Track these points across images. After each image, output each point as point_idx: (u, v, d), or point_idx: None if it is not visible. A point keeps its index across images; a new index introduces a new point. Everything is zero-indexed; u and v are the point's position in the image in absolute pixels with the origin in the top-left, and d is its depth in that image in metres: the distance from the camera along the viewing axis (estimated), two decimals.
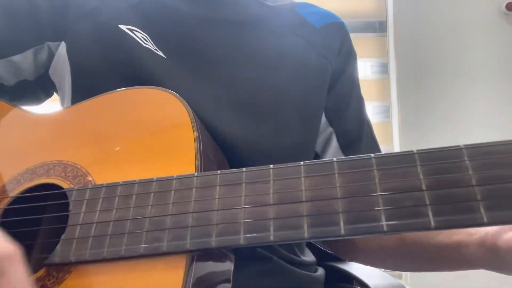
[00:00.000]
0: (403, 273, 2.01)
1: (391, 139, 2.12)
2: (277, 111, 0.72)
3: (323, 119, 0.80)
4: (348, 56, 0.85)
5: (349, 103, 0.83)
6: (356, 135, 0.82)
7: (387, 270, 1.90)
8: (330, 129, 0.81)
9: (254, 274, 0.64)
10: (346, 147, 0.81)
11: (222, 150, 0.64)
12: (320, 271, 0.78)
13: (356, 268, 0.86)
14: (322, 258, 0.86)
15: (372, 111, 2.15)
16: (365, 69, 2.19)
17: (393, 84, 2.19)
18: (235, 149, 0.66)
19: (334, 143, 0.81)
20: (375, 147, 0.86)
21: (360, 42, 2.15)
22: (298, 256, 0.73)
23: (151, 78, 0.67)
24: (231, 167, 0.65)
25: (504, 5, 2.18)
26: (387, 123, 2.15)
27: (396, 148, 2.11)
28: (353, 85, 0.86)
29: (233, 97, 0.70)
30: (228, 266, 0.54)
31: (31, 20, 0.72)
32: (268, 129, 0.71)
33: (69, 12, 0.73)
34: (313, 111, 0.77)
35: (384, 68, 2.21)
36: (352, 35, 0.89)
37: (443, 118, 2.12)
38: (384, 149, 2.12)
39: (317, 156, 0.81)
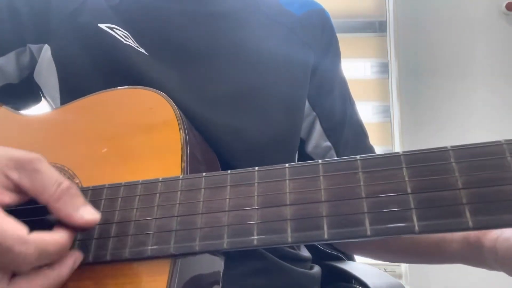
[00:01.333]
0: (403, 273, 2.01)
1: (391, 139, 2.11)
2: (261, 101, 0.73)
3: (307, 104, 0.81)
4: (330, 42, 0.86)
5: (332, 87, 0.84)
6: (339, 119, 0.83)
7: (387, 270, 1.90)
8: (314, 113, 0.81)
9: (247, 273, 0.64)
10: (330, 131, 0.81)
11: (209, 142, 0.64)
12: (316, 269, 0.77)
13: (355, 268, 0.85)
14: (321, 257, 0.86)
15: (372, 111, 2.14)
16: (365, 69, 2.18)
17: (393, 84, 2.18)
18: (222, 140, 0.66)
19: (318, 127, 0.81)
20: (360, 132, 0.86)
21: (360, 42, 2.14)
22: (294, 249, 0.73)
23: (134, 75, 0.67)
24: (221, 161, 0.65)
25: (504, 5, 2.17)
26: (387, 123, 2.14)
27: (397, 148, 2.10)
28: (336, 69, 0.87)
29: (217, 90, 0.70)
30: (217, 268, 0.53)
31: (12, 23, 0.72)
32: (253, 119, 0.71)
33: (50, 15, 0.73)
34: (298, 98, 0.78)
35: (384, 68, 2.20)
36: (352, 35, 0.89)
37: (443, 118, 2.11)
38: (384, 149, 2.12)
39: (302, 142, 0.81)
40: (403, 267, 2.00)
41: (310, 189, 0.44)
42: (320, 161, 0.45)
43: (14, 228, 0.40)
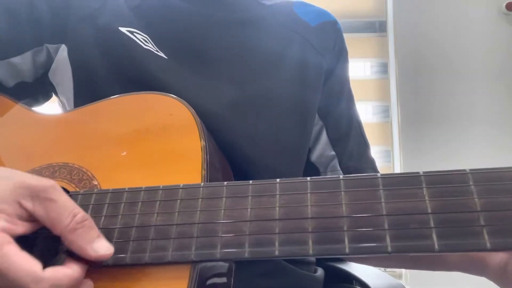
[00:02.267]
0: (403, 273, 2.03)
1: (391, 139, 2.13)
2: (276, 108, 0.74)
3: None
4: (340, 54, 0.87)
5: (340, 99, 0.86)
6: (345, 131, 0.85)
7: (387, 270, 1.92)
8: (321, 123, 0.83)
9: (255, 275, 0.65)
10: (335, 141, 0.83)
11: (223, 146, 0.65)
12: (320, 272, 0.79)
13: (355, 268, 0.87)
14: (323, 258, 0.87)
15: (372, 111, 2.15)
16: (365, 69, 2.20)
17: (393, 84, 2.19)
18: (236, 146, 0.67)
19: (324, 137, 0.83)
20: (363, 144, 0.88)
21: (360, 42, 2.15)
22: None
23: (153, 79, 0.67)
24: (232, 165, 0.66)
25: (504, 5, 2.18)
26: (387, 123, 2.15)
27: (396, 148, 2.12)
28: (344, 82, 0.88)
29: (234, 96, 0.71)
30: (229, 273, 0.54)
31: (31, 22, 0.72)
32: (267, 127, 0.72)
33: (70, 15, 0.73)
34: (310, 108, 0.79)
35: (384, 68, 2.21)
36: (352, 35, 0.91)
37: (443, 118, 2.13)
38: (384, 149, 2.14)
39: (308, 150, 0.82)
40: None
41: (332, 203, 0.45)
42: (341, 176, 0.46)
43: (29, 266, 0.40)
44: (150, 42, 0.71)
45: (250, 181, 0.49)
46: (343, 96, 0.86)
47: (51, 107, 0.79)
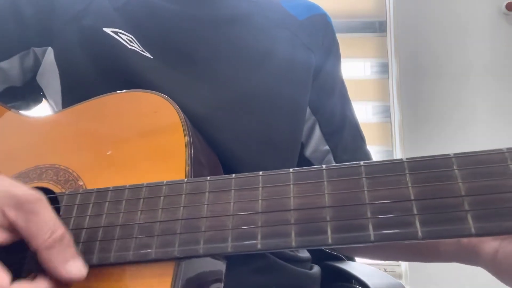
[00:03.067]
0: (403, 273, 2.01)
1: (391, 139, 2.12)
2: (265, 106, 0.73)
3: (307, 108, 0.82)
4: (330, 47, 0.87)
5: (332, 92, 0.85)
6: (338, 124, 0.84)
7: (387, 270, 1.91)
8: (313, 117, 0.83)
9: (249, 272, 0.65)
10: (329, 135, 0.83)
11: (212, 145, 0.65)
12: (316, 269, 0.78)
13: (355, 268, 0.86)
14: (321, 258, 0.86)
15: (372, 111, 2.15)
16: (365, 69, 2.19)
17: (393, 84, 2.19)
18: (226, 146, 0.66)
19: (317, 131, 0.82)
20: (358, 137, 0.87)
21: (360, 42, 2.15)
22: (292, 251, 0.73)
23: (140, 79, 0.67)
24: (223, 164, 0.66)
25: (504, 5, 2.18)
26: (387, 123, 2.15)
27: (397, 148, 2.11)
28: (336, 75, 0.88)
29: (222, 95, 0.71)
30: (219, 270, 0.54)
31: (16, 26, 0.72)
32: (256, 126, 0.71)
33: (54, 17, 0.72)
34: (300, 102, 0.78)
35: (384, 68, 2.21)
36: (352, 35, 0.90)
37: (443, 118, 2.12)
38: (384, 149, 2.13)
39: (301, 146, 0.82)
40: (403, 267, 2.01)
41: (314, 194, 0.44)
42: (324, 166, 0.45)
43: None
44: (136, 42, 0.70)
45: (233, 175, 0.48)
46: (334, 90, 0.86)
47: (39, 110, 0.79)
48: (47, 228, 0.43)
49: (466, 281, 1.74)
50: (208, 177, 0.49)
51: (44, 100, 0.80)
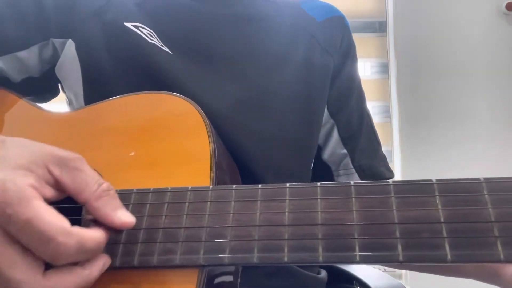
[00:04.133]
0: (403, 273, 2.03)
1: (391, 139, 2.13)
2: (282, 107, 0.74)
3: (325, 111, 0.82)
4: (348, 50, 0.87)
5: (350, 96, 0.85)
6: (356, 128, 0.85)
7: (387, 270, 1.93)
8: (332, 121, 0.83)
9: (260, 275, 0.66)
10: (347, 139, 0.83)
11: (229, 145, 0.65)
12: (323, 273, 0.80)
13: (356, 269, 0.87)
14: None
15: (372, 111, 2.14)
16: (365, 69, 2.19)
17: (393, 84, 2.19)
18: (241, 144, 0.67)
19: (335, 135, 0.83)
20: (374, 140, 0.88)
21: (360, 42, 2.13)
22: None
23: (159, 73, 0.67)
24: (237, 163, 0.66)
25: (504, 5, 2.19)
26: (387, 123, 2.15)
27: (396, 148, 2.12)
28: (354, 78, 0.88)
29: (239, 93, 0.71)
30: (235, 275, 0.54)
31: (36, 16, 0.72)
32: (271, 125, 0.72)
33: (76, 10, 0.73)
34: (317, 105, 0.79)
35: (384, 68, 2.21)
36: (352, 35, 0.90)
37: (443, 118, 2.13)
38: (384, 149, 2.13)
39: (318, 149, 0.83)
40: None
41: (342, 210, 0.44)
42: (352, 182, 0.46)
43: (58, 219, 0.40)
44: (155, 37, 0.71)
45: (259, 185, 0.48)
46: (353, 93, 0.86)
47: (58, 106, 0.78)
48: (93, 181, 0.45)
49: (466, 282, 1.76)
50: (234, 186, 0.49)
51: (62, 92, 0.80)
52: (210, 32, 0.74)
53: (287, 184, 0.48)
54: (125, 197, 0.51)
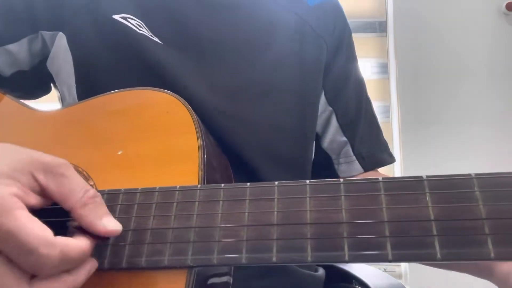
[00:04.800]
0: (403, 273, 2.02)
1: (391, 139, 2.12)
2: (273, 90, 0.73)
3: (323, 99, 0.81)
4: (343, 34, 0.85)
5: (347, 82, 0.84)
6: (355, 114, 0.83)
7: (387, 270, 1.92)
8: (330, 108, 0.82)
9: (253, 276, 0.65)
10: (346, 126, 0.82)
11: (219, 132, 0.64)
12: (321, 271, 0.79)
13: (355, 268, 0.86)
14: None
15: None
16: (365, 69, 2.18)
17: (393, 84, 2.18)
18: (232, 131, 0.67)
19: (334, 122, 0.82)
20: (374, 126, 0.87)
21: (360, 42, 2.13)
22: None
23: (149, 64, 0.67)
24: (230, 151, 0.65)
25: (504, 5, 2.18)
26: (387, 123, 2.14)
27: (396, 148, 2.11)
28: (350, 62, 0.86)
29: (229, 81, 0.71)
30: (227, 275, 0.53)
31: (25, 9, 0.72)
32: (265, 109, 0.71)
33: (65, 4, 0.72)
34: (309, 90, 0.78)
35: (384, 68, 2.20)
36: (352, 35, 0.89)
37: (443, 118, 2.12)
38: None
39: (318, 137, 0.82)
40: (403, 267, 2.02)
41: (331, 208, 0.44)
42: (341, 180, 0.45)
43: (40, 230, 0.39)
44: (144, 27, 0.71)
45: (248, 184, 0.48)
46: (349, 79, 0.85)
47: (48, 105, 0.78)
48: (79, 188, 0.44)
49: (465, 282, 1.75)
50: (222, 185, 0.48)
51: (53, 90, 0.80)
52: (199, 21, 0.74)
53: (276, 182, 0.47)
54: (113, 197, 0.51)
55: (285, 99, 0.74)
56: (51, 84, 0.80)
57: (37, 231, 0.39)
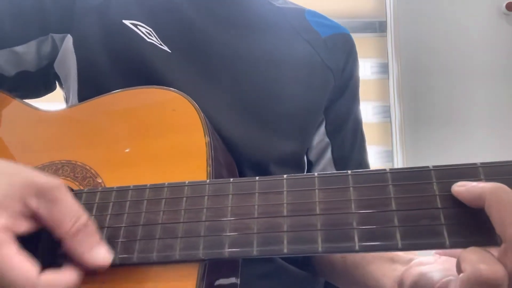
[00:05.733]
0: None
1: (391, 139, 2.12)
2: (279, 116, 0.73)
3: (322, 129, 0.81)
4: (351, 75, 0.85)
5: (348, 119, 0.85)
6: (349, 151, 0.84)
7: None
8: (327, 140, 0.82)
9: (256, 276, 0.65)
10: (339, 160, 0.82)
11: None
12: None
13: None
14: None
15: (372, 111, 2.14)
16: (365, 69, 2.19)
17: (393, 84, 2.19)
18: (235, 150, 0.66)
19: (328, 154, 0.82)
20: (364, 162, 0.87)
21: (360, 42, 2.12)
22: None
23: (156, 72, 0.67)
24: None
25: (504, 5, 2.18)
26: (387, 123, 2.15)
27: (396, 148, 2.11)
28: (354, 101, 0.87)
29: (236, 99, 0.71)
30: (236, 269, 0.54)
31: (36, 11, 0.72)
32: (269, 133, 0.71)
33: (76, 5, 0.72)
34: (312, 118, 0.78)
35: (384, 68, 2.21)
36: (352, 35, 0.89)
37: (443, 118, 2.13)
38: (384, 149, 2.13)
39: (310, 164, 0.82)
40: None
41: (340, 199, 0.44)
42: (349, 171, 0.46)
43: (25, 269, 0.40)
44: (154, 36, 0.70)
45: (257, 178, 0.48)
46: (351, 116, 0.85)
47: (53, 104, 0.78)
48: (70, 216, 0.43)
49: None
50: (231, 179, 0.49)
51: (59, 87, 0.80)
52: (209, 33, 0.74)
53: (285, 176, 0.47)
54: (122, 194, 0.51)
55: (289, 127, 0.74)
56: (57, 84, 0.79)
57: (23, 270, 0.39)
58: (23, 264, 0.40)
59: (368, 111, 2.13)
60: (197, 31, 0.73)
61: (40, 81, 0.77)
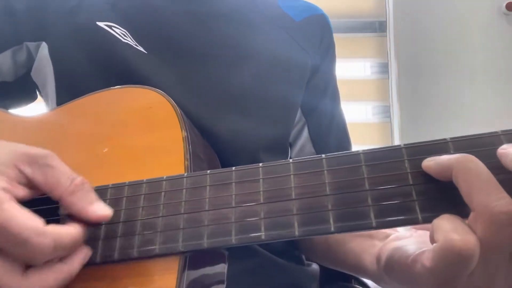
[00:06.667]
0: None
1: (391, 139, 2.11)
2: (258, 102, 0.73)
3: (299, 110, 0.81)
4: (327, 50, 0.86)
5: (324, 97, 0.85)
6: (326, 127, 0.84)
7: None
8: (304, 119, 0.82)
9: (244, 271, 0.64)
10: (317, 138, 0.82)
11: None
12: (314, 266, 0.78)
13: None
14: None
15: (372, 111, 2.14)
16: (365, 69, 2.19)
17: (393, 84, 2.18)
18: (218, 141, 0.66)
19: (305, 133, 0.82)
20: (345, 139, 0.87)
21: (360, 42, 2.14)
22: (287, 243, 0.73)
23: (133, 74, 0.67)
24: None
25: (504, 5, 2.17)
26: (387, 123, 2.14)
27: None
28: (329, 79, 0.87)
29: (215, 92, 0.71)
30: (221, 265, 0.53)
31: (7, 21, 0.72)
32: (249, 120, 0.71)
33: (48, 12, 0.72)
34: (293, 102, 0.78)
35: (384, 68, 2.20)
36: (352, 35, 0.90)
37: (443, 118, 2.12)
38: None
39: (290, 146, 0.82)
40: None
41: (315, 183, 0.44)
42: (323, 155, 0.46)
43: (31, 220, 0.40)
44: (129, 36, 0.70)
45: (233, 168, 0.48)
46: (326, 93, 0.85)
47: (33, 109, 0.78)
48: (66, 177, 0.45)
49: None
50: (208, 171, 0.49)
51: (40, 97, 0.80)
52: (185, 30, 0.73)
53: (260, 164, 0.48)
54: (101, 192, 0.51)
55: (271, 111, 0.74)
56: (37, 93, 0.79)
57: (28, 221, 0.40)
58: (28, 217, 0.40)
59: (368, 111, 2.12)
60: (170, 29, 0.73)
61: (20, 90, 0.77)
